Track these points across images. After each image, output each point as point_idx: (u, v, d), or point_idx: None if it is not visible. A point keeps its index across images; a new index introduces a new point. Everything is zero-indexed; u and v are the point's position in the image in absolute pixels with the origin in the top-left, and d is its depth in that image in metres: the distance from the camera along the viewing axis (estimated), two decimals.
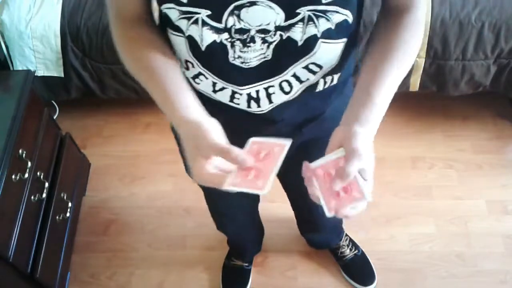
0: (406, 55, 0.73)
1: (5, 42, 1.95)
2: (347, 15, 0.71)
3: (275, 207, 1.84)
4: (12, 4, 1.91)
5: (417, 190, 1.94)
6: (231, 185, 0.63)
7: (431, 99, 2.20)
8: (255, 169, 0.65)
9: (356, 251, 1.72)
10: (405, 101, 2.16)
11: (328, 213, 0.65)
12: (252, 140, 0.68)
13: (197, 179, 0.66)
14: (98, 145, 2.18)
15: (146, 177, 2.06)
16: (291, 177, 1.18)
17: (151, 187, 2.03)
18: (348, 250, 1.71)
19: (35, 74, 1.96)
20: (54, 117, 2.00)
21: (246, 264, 1.73)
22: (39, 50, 1.93)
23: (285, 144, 0.67)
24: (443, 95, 2.00)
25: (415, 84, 1.94)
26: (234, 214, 1.40)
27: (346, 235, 1.74)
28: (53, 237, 1.60)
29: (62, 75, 1.99)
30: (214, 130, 0.67)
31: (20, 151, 1.45)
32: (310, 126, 0.94)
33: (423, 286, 1.69)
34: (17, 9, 1.91)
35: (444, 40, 1.80)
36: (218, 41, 0.72)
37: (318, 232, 1.65)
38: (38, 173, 1.55)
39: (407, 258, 1.76)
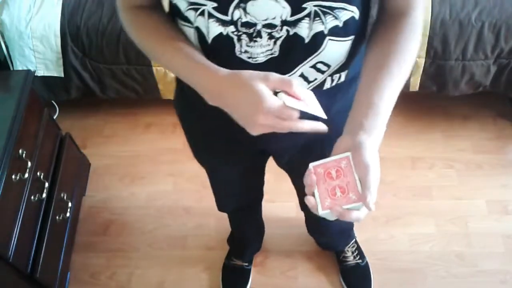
0: (406, 61, 0.73)
1: (5, 42, 1.95)
2: (353, 12, 0.71)
3: (275, 207, 1.84)
4: (12, 4, 1.91)
5: (417, 190, 1.94)
6: (327, 208, 0.66)
7: (431, 99, 2.20)
8: (337, 186, 0.67)
9: (360, 260, 1.70)
10: (405, 101, 2.13)
11: (321, 210, 0.67)
12: (313, 165, 0.70)
13: (265, 121, 0.66)
14: (98, 145, 2.18)
15: (146, 177, 2.06)
16: (296, 177, 1.18)
17: (151, 187, 2.02)
18: (351, 257, 1.69)
19: (35, 74, 1.96)
20: (54, 117, 1.99)
21: (246, 264, 1.73)
22: (39, 50, 1.93)
23: (348, 156, 0.68)
24: (443, 95, 2.00)
25: (415, 84, 1.94)
26: (238, 196, 1.37)
27: (355, 242, 1.72)
28: (53, 237, 1.59)
29: (62, 75, 1.99)
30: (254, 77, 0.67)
31: (20, 151, 1.45)
32: None
33: (423, 286, 1.69)
34: (17, 9, 1.91)
35: (444, 40, 1.80)
36: (224, 33, 0.72)
37: (324, 235, 1.65)
38: (38, 173, 1.55)
39: (407, 258, 1.76)
